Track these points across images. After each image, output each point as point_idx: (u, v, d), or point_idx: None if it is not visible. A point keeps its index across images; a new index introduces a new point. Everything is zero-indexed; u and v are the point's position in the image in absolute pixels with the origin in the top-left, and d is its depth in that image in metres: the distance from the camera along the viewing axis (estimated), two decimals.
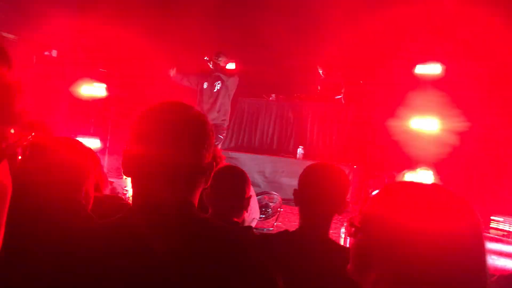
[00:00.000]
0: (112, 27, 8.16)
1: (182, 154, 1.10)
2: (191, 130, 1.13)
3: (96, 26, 7.90)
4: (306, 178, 1.92)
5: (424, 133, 7.10)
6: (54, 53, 8.43)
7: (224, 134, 7.16)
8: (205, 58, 6.76)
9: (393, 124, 7.31)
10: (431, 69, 7.13)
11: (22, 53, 7.83)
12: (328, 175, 1.90)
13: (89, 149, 1.71)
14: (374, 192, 1.08)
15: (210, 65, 6.70)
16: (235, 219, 2.24)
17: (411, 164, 7.05)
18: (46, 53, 8.31)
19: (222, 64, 6.71)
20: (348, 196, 2.01)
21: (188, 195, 1.13)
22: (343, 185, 1.91)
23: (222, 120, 6.80)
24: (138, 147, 1.11)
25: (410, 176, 6.85)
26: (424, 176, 6.66)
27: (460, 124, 6.82)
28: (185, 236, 1.05)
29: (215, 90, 6.78)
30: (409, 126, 7.14)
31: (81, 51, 8.04)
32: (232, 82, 6.80)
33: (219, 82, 6.77)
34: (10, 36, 7.59)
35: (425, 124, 7.05)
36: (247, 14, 9.04)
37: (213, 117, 6.56)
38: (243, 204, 2.25)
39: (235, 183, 2.21)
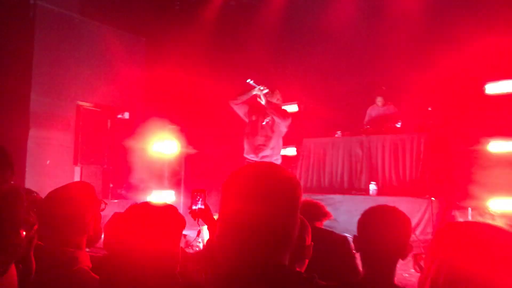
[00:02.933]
0: (179, 79, 8.62)
1: (278, 216, 1.11)
2: (287, 193, 1.15)
3: (163, 81, 8.37)
4: (365, 224, 1.85)
5: (503, 156, 6.64)
6: (127, 115, 8.98)
7: None
8: (261, 88, 6.09)
9: (470, 149, 6.93)
10: (502, 87, 6.72)
11: (97, 119, 8.41)
12: (387, 219, 1.82)
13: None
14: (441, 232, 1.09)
15: (262, 102, 6.09)
16: (298, 269, 2.18)
17: (493, 191, 6.58)
18: (119, 116, 8.87)
19: (276, 101, 6.27)
20: (412, 237, 1.91)
21: (283, 258, 1.14)
22: (404, 229, 1.82)
23: (275, 159, 6.38)
24: (234, 208, 1.12)
25: (495, 204, 6.38)
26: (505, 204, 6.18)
27: None
28: None
29: (264, 123, 6.25)
30: (487, 150, 6.72)
31: (151, 110, 8.46)
32: (287, 122, 6.35)
33: (269, 117, 6.23)
34: (86, 104, 8.20)
35: (502, 146, 6.60)
36: (308, 52, 9.18)
37: (266, 153, 6.15)
38: (304, 253, 2.18)
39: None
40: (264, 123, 6.23)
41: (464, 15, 7.43)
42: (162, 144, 8.48)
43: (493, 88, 6.85)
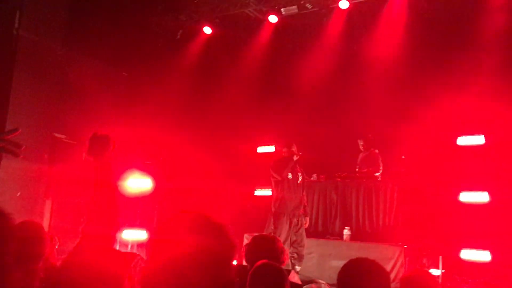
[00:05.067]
0: (157, 120, 8.64)
1: None
2: None
3: (139, 125, 8.37)
4: (346, 277, 1.89)
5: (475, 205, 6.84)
6: None
7: None
8: (284, 149, 6.77)
9: (442, 198, 7.11)
10: (474, 140, 6.99)
11: (73, 151, 8.29)
12: (367, 273, 1.86)
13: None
14: None
15: (295, 157, 6.70)
16: None
17: (466, 239, 6.74)
18: None
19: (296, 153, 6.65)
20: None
21: None
22: (384, 282, 1.86)
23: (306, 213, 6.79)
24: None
25: (467, 254, 6.51)
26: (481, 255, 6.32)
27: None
28: None
29: (299, 182, 6.72)
30: (459, 199, 6.91)
31: (127, 146, 8.42)
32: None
33: (300, 173, 6.76)
34: (62, 136, 8.10)
35: (475, 196, 6.80)
36: (287, 97, 9.35)
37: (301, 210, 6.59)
38: None
39: (272, 282, 2.17)
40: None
41: (439, 75, 7.82)
42: (137, 181, 8.42)
43: (464, 140, 7.10)
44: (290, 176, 6.55)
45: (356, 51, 8.93)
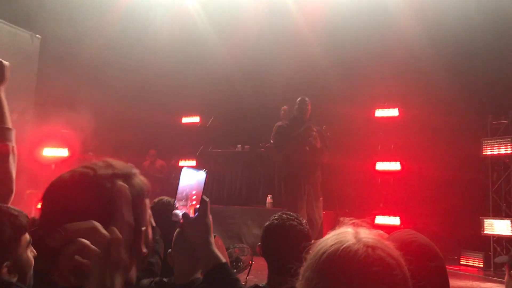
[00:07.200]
0: None
1: None
2: None
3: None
4: (266, 236, 2.03)
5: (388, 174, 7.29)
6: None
7: None
8: None
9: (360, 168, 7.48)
10: (389, 113, 7.38)
11: None
12: (286, 231, 1.96)
13: None
14: None
15: None
16: (202, 276, 2.21)
17: (379, 207, 7.18)
18: None
19: None
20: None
21: None
22: (303, 239, 1.97)
23: None
24: None
25: (380, 219, 6.94)
26: (392, 220, 6.77)
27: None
28: None
29: None
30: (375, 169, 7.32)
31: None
32: None
33: None
34: None
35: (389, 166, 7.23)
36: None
37: None
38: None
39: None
40: None
41: None
42: (52, 149, 8.03)
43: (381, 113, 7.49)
44: None
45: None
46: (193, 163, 8.84)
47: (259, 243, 2.05)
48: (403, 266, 0.87)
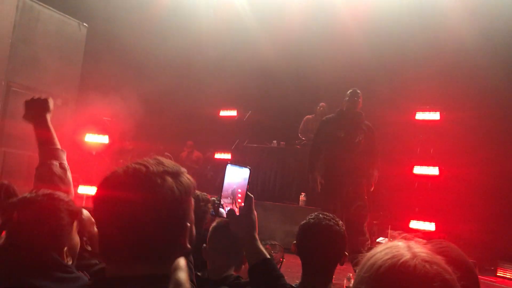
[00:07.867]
0: None
1: None
2: None
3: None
4: (302, 235, 1.98)
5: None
6: (59, 102, 8.58)
7: None
8: None
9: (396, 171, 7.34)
10: (430, 116, 7.21)
11: None
12: (322, 231, 1.93)
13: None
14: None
15: None
16: (235, 273, 2.22)
17: (415, 212, 7.03)
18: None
19: None
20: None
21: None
22: (339, 239, 1.94)
23: None
24: None
25: (414, 224, 6.80)
26: (427, 225, 6.62)
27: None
28: None
29: None
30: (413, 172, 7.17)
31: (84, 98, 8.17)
32: None
33: None
34: (17, 84, 7.74)
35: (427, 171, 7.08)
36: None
37: None
38: (241, 259, 2.23)
39: (231, 240, 2.18)
40: None
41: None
42: (93, 136, 8.24)
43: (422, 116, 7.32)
44: None
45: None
46: (228, 156, 8.91)
47: (294, 241, 2.02)
48: (457, 281, 0.88)
